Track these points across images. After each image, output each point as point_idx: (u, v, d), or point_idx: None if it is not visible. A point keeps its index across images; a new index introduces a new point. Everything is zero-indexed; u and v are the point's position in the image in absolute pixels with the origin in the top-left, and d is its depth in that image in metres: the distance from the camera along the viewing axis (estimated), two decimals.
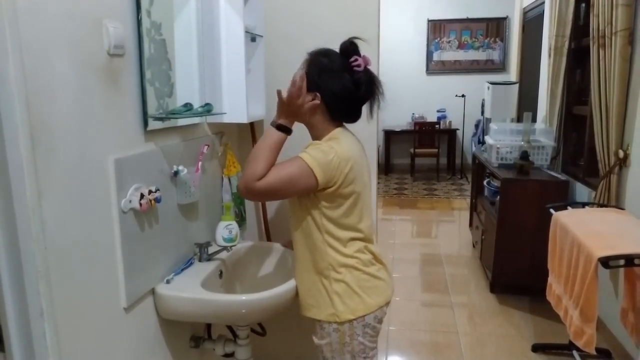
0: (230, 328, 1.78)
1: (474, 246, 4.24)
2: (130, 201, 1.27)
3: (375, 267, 1.50)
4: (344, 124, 1.53)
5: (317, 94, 1.43)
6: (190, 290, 1.44)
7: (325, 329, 1.46)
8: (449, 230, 5.07)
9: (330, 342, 1.46)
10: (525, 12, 5.18)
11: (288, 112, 1.44)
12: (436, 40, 7.61)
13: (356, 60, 1.45)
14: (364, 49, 1.91)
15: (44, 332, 1.03)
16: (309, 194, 1.41)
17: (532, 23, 4.92)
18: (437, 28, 7.59)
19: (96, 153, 1.18)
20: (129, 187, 1.28)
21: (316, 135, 1.49)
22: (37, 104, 0.99)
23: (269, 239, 2.17)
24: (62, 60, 1.07)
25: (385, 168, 7.51)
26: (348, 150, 1.42)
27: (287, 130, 1.44)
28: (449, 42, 7.60)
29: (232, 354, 1.70)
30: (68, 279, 1.09)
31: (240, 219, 1.99)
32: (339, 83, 1.44)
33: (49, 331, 1.04)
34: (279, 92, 1.44)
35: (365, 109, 1.53)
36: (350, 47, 1.47)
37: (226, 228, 1.75)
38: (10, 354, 1.03)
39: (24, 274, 1.00)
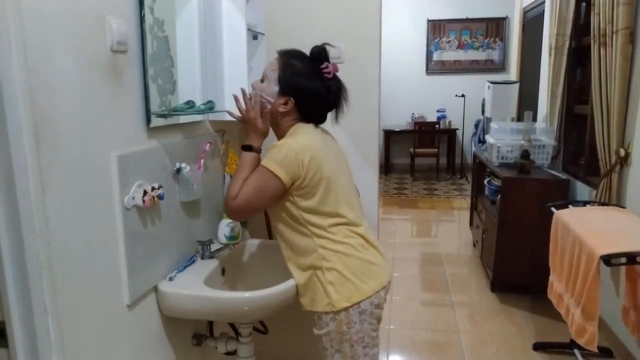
0: (232, 326, 1.78)
1: (474, 245, 4.24)
2: (133, 198, 1.26)
3: (367, 251, 1.50)
4: None
5: (291, 98, 1.49)
6: (193, 288, 1.44)
7: (323, 319, 1.46)
8: (449, 229, 5.07)
9: (328, 331, 1.46)
10: (525, 12, 5.18)
11: (247, 129, 1.53)
12: (436, 40, 7.62)
13: (327, 67, 1.49)
14: (366, 48, 1.91)
15: (48, 328, 1.03)
16: (284, 194, 1.44)
17: (532, 23, 4.92)
18: (436, 28, 7.60)
19: (99, 149, 1.18)
20: (132, 184, 1.28)
21: (280, 134, 1.54)
22: (40, 100, 0.99)
23: (270, 237, 2.17)
24: (65, 56, 1.06)
25: (385, 168, 7.51)
26: (305, 141, 1.45)
27: (252, 149, 1.51)
28: (448, 42, 7.61)
29: (234, 352, 1.70)
30: (71, 276, 1.09)
31: None
32: (313, 88, 1.49)
33: (53, 327, 1.03)
34: (230, 113, 1.57)
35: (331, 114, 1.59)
36: (322, 53, 1.51)
37: (228, 226, 1.75)
38: (13, 349, 1.03)
39: (27, 270, 1.00)
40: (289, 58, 1.51)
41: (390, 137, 7.52)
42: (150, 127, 1.38)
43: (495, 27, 7.47)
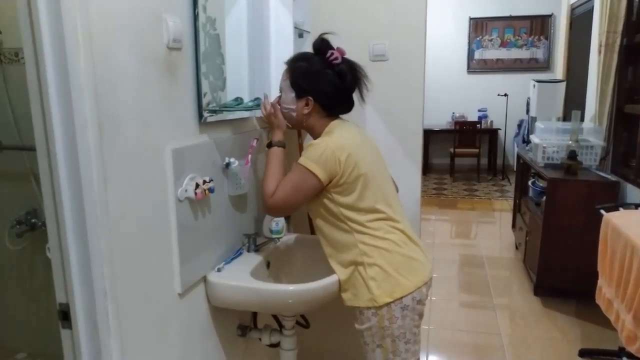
0: (275, 318, 1.81)
1: (516, 248, 4.15)
2: (186, 190, 1.31)
3: (409, 247, 1.50)
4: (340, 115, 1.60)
5: (309, 97, 1.51)
6: (240, 279, 1.48)
7: (365, 314, 1.47)
8: (490, 231, 4.98)
9: (370, 326, 1.47)
10: (573, 9, 5.02)
11: (272, 126, 1.59)
12: (478, 39, 7.48)
13: (332, 54, 1.50)
14: (410, 44, 1.89)
15: (107, 311, 1.08)
16: (322, 191, 1.46)
17: (580, 20, 4.76)
18: (479, 26, 7.46)
19: (155, 143, 1.22)
20: (185, 177, 1.32)
21: (316, 135, 1.56)
22: (103, 94, 1.04)
23: (312, 232, 2.19)
24: (126, 53, 1.11)
25: (424, 168, 7.41)
26: (341, 138, 1.47)
27: (278, 145, 1.57)
28: (491, 40, 7.46)
29: (277, 344, 1.73)
30: (129, 263, 1.14)
31: None
32: (324, 81, 1.51)
33: (112, 311, 1.08)
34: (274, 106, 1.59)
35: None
36: (322, 44, 1.53)
37: (273, 220, 1.78)
38: (76, 331, 1.08)
39: (90, 256, 1.05)
40: (294, 62, 1.55)
41: (429, 136, 7.42)
42: (202, 122, 1.42)
43: (540, 25, 7.27)
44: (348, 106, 1.59)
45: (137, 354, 1.18)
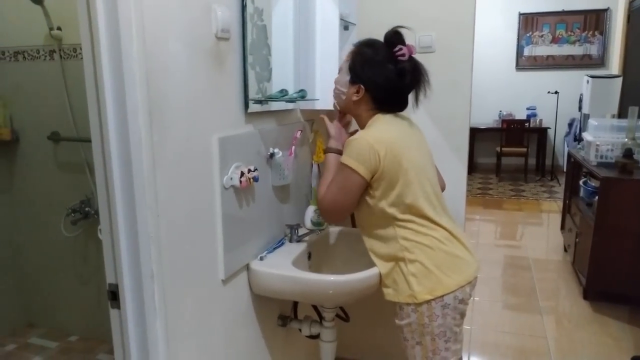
0: (316, 310, 1.82)
1: (565, 250, 3.99)
2: (231, 178, 1.33)
3: (453, 244, 1.46)
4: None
5: (361, 86, 1.48)
6: (282, 268, 1.49)
7: (405, 310, 1.45)
8: (537, 232, 4.82)
9: (409, 322, 1.45)
10: (631, 2, 4.79)
11: (333, 140, 1.63)
12: (528, 35, 7.25)
13: (400, 49, 1.45)
14: (458, 37, 1.85)
15: (153, 293, 1.11)
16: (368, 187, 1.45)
17: (639, 13, 4.54)
18: (529, 22, 7.23)
19: (202, 131, 1.25)
20: (230, 165, 1.34)
21: (362, 125, 1.55)
22: (154, 82, 1.07)
23: (354, 225, 2.19)
24: (176, 41, 1.14)
25: (469, 166, 7.24)
26: (380, 132, 1.44)
27: (335, 151, 1.60)
28: (541, 36, 7.21)
29: (317, 336, 1.73)
30: (175, 247, 1.17)
31: None
32: (381, 74, 1.47)
33: (158, 292, 1.11)
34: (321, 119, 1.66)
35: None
36: (394, 37, 1.47)
37: (315, 212, 1.79)
38: (124, 310, 1.12)
39: (138, 238, 1.09)
40: (361, 47, 1.52)
41: (475, 135, 7.22)
42: (248, 112, 1.44)
43: (594, 20, 6.96)
44: (399, 106, 1.54)
45: (181, 337, 1.21)
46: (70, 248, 2.64)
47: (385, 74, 1.47)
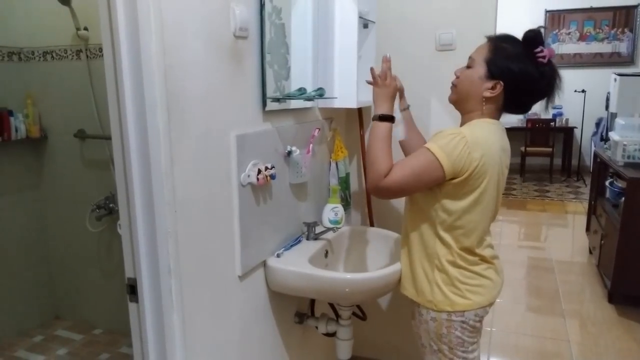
0: (332, 308, 1.82)
1: (590, 252, 3.91)
2: (248, 176, 1.34)
3: (481, 265, 1.41)
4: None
5: (501, 83, 1.35)
6: (299, 265, 1.49)
7: (423, 315, 1.43)
8: (562, 234, 4.72)
9: (427, 329, 1.43)
10: None
11: (384, 96, 1.44)
12: (554, 32, 7.10)
13: (542, 50, 1.34)
14: (481, 36, 1.82)
15: (171, 288, 1.12)
16: (436, 185, 1.34)
17: None
18: (555, 19, 7.08)
19: (220, 128, 1.26)
20: (248, 163, 1.36)
21: (463, 121, 1.43)
22: (173, 78, 1.09)
23: (372, 224, 2.18)
24: (194, 39, 1.15)
25: None
26: (482, 137, 1.32)
27: (390, 119, 1.42)
28: (568, 33, 7.05)
29: (333, 334, 1.73)
30: (193, 243, 1.18)
31: (345, 203, 2.02)
32: (526, 74, 1.34)
33: (175, 288, 1.13)
34: (372, 70, 1.49)
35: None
36: (537, 37, 1.35)
37: (332, 210, 1.79)
38: (142, 304, 1.14)
39: (156, 233, 1.10)
40: (499, 41, 1.40)
41: None
42: (266, 110, 1.45)
43: (624, 17, 6.78)
44: (524, 110, 1.45)
45: (198, 331, 1.23)
46: (96, 243, 2.71)
47: (529, 75, 1.34)
